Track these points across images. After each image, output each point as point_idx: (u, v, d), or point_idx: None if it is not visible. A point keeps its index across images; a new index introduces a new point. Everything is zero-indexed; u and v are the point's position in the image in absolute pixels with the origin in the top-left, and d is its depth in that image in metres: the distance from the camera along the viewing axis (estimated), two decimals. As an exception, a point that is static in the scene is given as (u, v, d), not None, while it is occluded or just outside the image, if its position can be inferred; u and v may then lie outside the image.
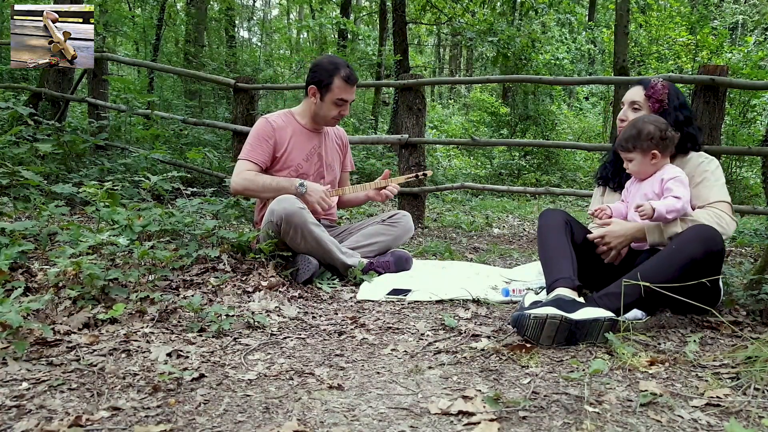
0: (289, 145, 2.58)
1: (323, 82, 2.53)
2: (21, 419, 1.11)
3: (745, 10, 16.72)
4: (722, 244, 1.76)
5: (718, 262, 1.77)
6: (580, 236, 2.01)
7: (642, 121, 1.95)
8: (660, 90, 2.06)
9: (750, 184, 7.82)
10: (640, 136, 1.93)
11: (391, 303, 2.16)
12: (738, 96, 8.11)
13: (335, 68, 2.52)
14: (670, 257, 1.75)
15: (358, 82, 2.59)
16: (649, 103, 2.07)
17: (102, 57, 5.29)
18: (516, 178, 9.25)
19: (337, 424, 1.14)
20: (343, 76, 2.52)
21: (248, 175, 2.47)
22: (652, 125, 1.92)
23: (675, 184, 1.88)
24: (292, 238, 2.32)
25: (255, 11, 19.86)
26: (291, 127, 2.61)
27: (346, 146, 2.86)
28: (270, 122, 2.57)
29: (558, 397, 1.28)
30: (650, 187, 1.96)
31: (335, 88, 2.52)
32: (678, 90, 2.10)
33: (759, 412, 1.20)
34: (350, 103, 2.61)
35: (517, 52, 10.12)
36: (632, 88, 2.14)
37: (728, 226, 1.87)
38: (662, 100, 2.05)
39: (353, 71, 2.58)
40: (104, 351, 1.49)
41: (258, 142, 2.53)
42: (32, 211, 2.71)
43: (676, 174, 1.92)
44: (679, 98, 2.08)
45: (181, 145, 5.67)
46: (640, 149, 1.94)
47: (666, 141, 1.92)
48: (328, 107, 2.57)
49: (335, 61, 2.55)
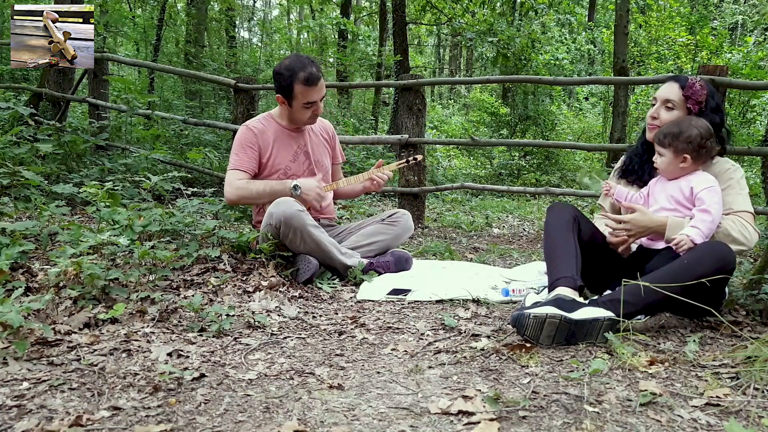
0: (273, 149, 2.55)
1: (285, 90, 2.47)
2: (21, 419, 1.11)
3: (745, 10, 16.72)
4: (734, 264, 1.72)
5: (727, 279, 1.76)
6: (588, 233, 1.97)
7: (689, 123, 1.89)
8: (699, 91, 1.96)
9: (750, 184, 7.83)
10: (680, 136, 1.88)
11: (391, 303, 2.16)
12: (738, 96, 8.13)
13: (292, 74, 2.43)
14: (680, 273, 1.69)
15: (320, 78, 2.46)
16: (688, 104, 1.98)
17: (102, 57, 5.29)
18: (516, 178, 9.26)
19: (338, 423, 1.14)
20: (302, 80, 2.42)
21: (240, 184, 2.45)
22: (696, 130, 1.86)
23: (709, 195, 1.83)
24: (292, 241, 2.32)
25: (255, 11, 19.87)
26: (272, 130, 2.58)
27: (333, 138, 2.81)
28: (251, 128, 2.54)
29: (558, 397, 1.28)
30: (678, 191, 1.91)
31: (298, 94, 2.45)
32: (714, 90, 2.02)
33: (759, 412, 1.20)
34: (322, 100, 2.52)
35: (516, 53, 10.13)
36: (666, 84, 2.04)
37: (751, 237, 1.84)
38: (701, 102, 1.96)
39: (313, 69, 2.44)
40: (105, 351, 1.49)
41: (243, 150, 2.50)
42: (33, 211, 2.72)
43: (709, 184, 1.86)
44: (715, 99, 2.00)
45: (182, 146, 5.68)
46: (674, 148, 1.90)
47: (702, 150, 1.87)
48: (299, 112, 2.51)
49: (291, 66, 2.44)
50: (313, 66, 2.46)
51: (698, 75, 3.51)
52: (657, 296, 1.67)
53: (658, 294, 1.66)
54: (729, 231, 1.84)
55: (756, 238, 1.86)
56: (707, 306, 1.70)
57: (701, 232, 1.78)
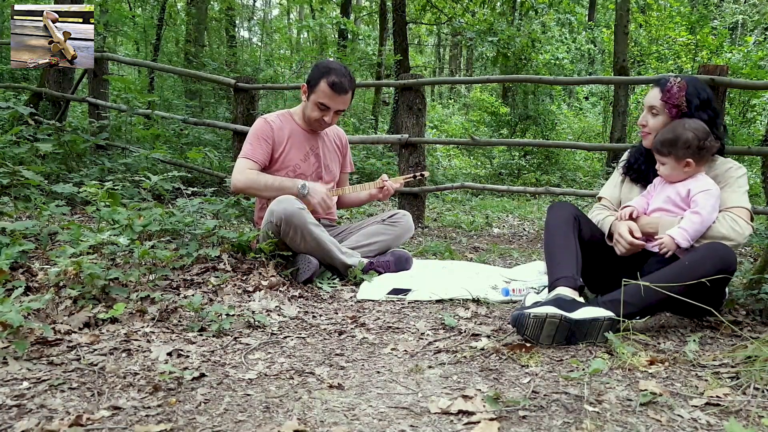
0: (287, 146, 2.57)
1: (312, 81, 2.51)
2: (21, 418, 1.11)
3: (745, 10, 16.72)
4: (735, 265, 1.71)
5: (728, 280, 1.75)
6: (588, 232, 1.96)
7: (682, 127, 1.86)
8: (676, 93, 1.91)
9: (750, 184, 7.82)
10: (677, 143, 1.85)
11: (391, 302, 2.16)
12: (738, 96, 8.13)
13: (326, 71, 2.47)
14: (681, 274, 1.68)
15: (346, 93, 2.49)
16: (666, 108, 1.94)
17: (102, 57, 5.29)
18: (516, 177, 9.26)
19: (337, 423, 1.14)
20: (330, 82, 2.45)
21: (250, 174, 2.46)
22: (692, 133, 1.84)
23: (704, 198, 1.81)
24: (292, 239, 2.32)
25: (255, 11, 19.86)
26: (289, 128, 2.60)
27: (345, 147, 2.85)
28: (269, 122, 2.57)
29: (558, 397, 1.28)
30: (675, 192, 1.90)
31: (319, 90, 2.48)
32: (700, 85, 1.94)
33: (759, 412, 1.20)
34: (336, 113, 2.53)
35: (517, 52, 10.13)
36: (651, 89, 2.01)
37: (743, 231, 1.80)
38: (679, 105, 1.91)
39: (347, 81, 2.48)
40: (105, 350, 1.49)
41: (258, 142, 2.52)
42: (33, 211, 2.72)
43: (707, 187, 1.84)
44: (700, 96, 1.92)
45: (182, 145, 5.68)
46: (674, 156, 1.87)
47: (703, 151, 1.85)
48: (311, 107, 2.53)
49: (331, 66, 2.49)
50: (348, 79, 2.49)
51: (698, 74, 3.51)
52: (657, 297, 1.67)
53: (659, 294, 1.66)
54: (718, 228, 1.81)
55: (748, 231, 1.82)
56: (707, 307, 1.70)
57: (685, 233, 1.78)
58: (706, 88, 1.96)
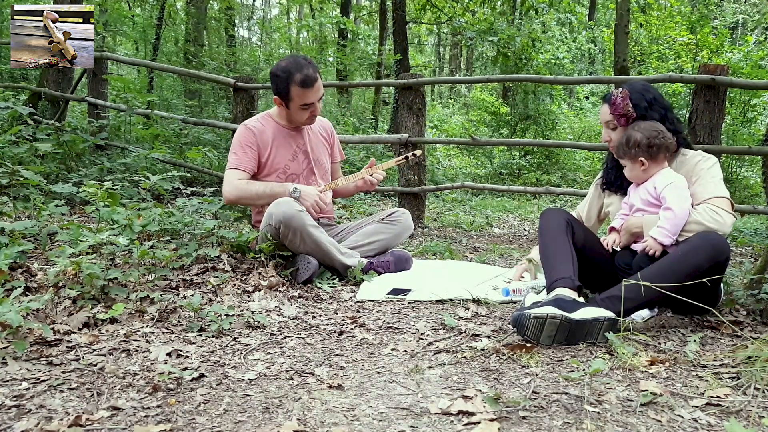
0: (272, 148, 2.55)
1: (282, 92, 2.46)
2: (21, 419, 1.11)
3: (746, 10, 16.72)
4: (728, 252, 1.73)
5: (722, 269, 1.76)
6: (581, 238, 1.99)
7: (632, 129, 1.95)
8: (620, 103, 1.99)
9: (750, 184, 7.82)
10: (628, 144, 1.94)
11: (391, 303, 2.16)
12: (738, 96, 8.12)
13: (288, 76, 2.41)
14: (675, 265, 1.71)
15: (317, 79, 2.43)
16: (616, 120, 2.01)
17: (102, 56, 5.28)
18: (516, 177, 9.25)
19: (337, 423, 1.14)
20: (299, 82, 2.40)
21: (240, 184, 2.44)
22: (639, 133, 1.91)
23: (670, 192, 1.85)
24: (291, 241, 2.32)
25: (255, 10, 19.86)
26: (271, 130, 2.57)
27: (332, 136, 2.81)
28: (250, 128, 2.53)
29: (558, 397, 1.28)
30: (645, 192, 1.95)
31: (295, 96, 2.44)
32: (645, 88, 2.01)
33: (759, 412, 1.20)
34: (320, 101, 2.51)
35: (517, 52, 10.12)
36: (602, 107, 2.07)
37: (725, 221, 1.80)
38: (626, 113, 1.99)
39: (310, 70, 2.42)
40: (104, 351, 1.49)
41: (242, 150, 2.49)
42: (32, 211, 2.71)
43: (670, 180, 1.88)
44: (646, 98, 1.98)
45: (181, 145, 5.67)
46: (628, 156, 1.95)
47: (653, 148, 1.90)
48: (296, 113, 2.51)
49: (288, 68, 2.42)
50: (309, 67, 2.43)
51: (699, 74, 3.50)
52: (655, 292, 1.68)
53: (657, 289, 1.67)
54: (699, 220, 1.81)
55: (730, 220, 1.81)
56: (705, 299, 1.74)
57: (665, 231, 1.82)
58: (649, 89, 2.02)
